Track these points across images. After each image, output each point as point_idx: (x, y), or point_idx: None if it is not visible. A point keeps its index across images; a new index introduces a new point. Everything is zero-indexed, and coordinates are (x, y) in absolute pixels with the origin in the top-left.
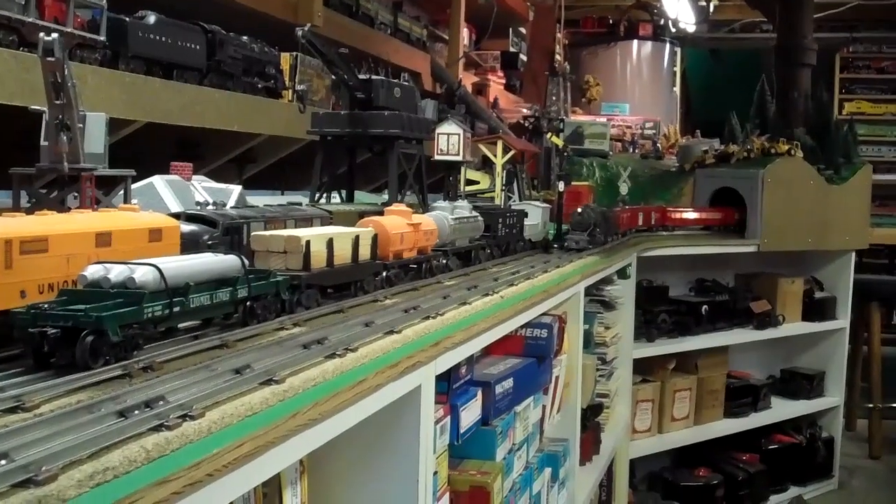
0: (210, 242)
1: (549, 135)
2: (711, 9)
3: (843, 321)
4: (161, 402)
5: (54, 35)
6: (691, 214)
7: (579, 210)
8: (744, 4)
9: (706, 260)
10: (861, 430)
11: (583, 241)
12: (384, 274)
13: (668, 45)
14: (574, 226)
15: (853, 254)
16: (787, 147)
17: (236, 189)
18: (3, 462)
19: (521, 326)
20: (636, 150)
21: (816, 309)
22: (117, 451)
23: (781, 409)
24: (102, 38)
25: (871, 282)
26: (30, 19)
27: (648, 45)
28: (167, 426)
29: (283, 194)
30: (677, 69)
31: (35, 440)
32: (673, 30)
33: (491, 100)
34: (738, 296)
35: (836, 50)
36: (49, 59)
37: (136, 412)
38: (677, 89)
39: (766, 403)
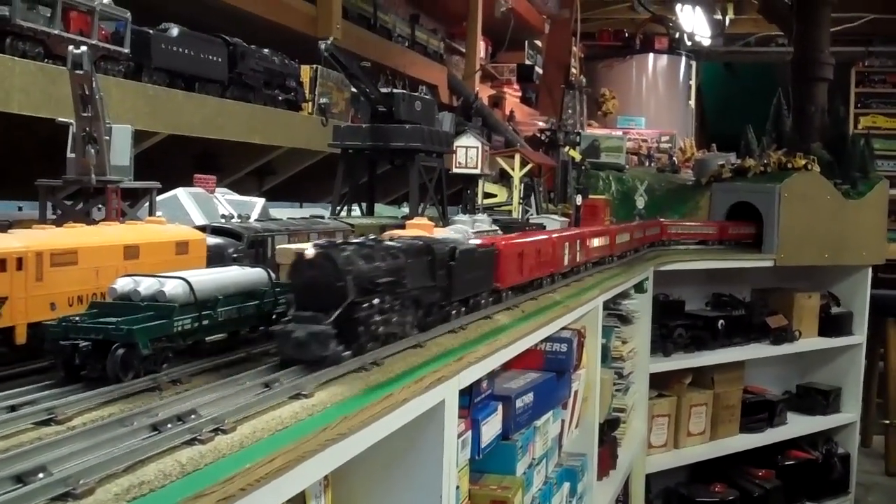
0: (235, 255)
1: (566, 148)
2: (727, 22)
3: (859, 337)
4: (193, 416)
5: (83, 48)
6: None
7: (308, 253)
8: (760, 18)
9: (722, 274)
10: (877, 446)
11: (321, 341)
12: None
13: (683, 59)
14: (300, 296)
15: (869, 269)
16: (803, 161)
17: (259, 202)
18: (41, 475)
19: (542, 341)
20: (652, 164)
21: (833, 324)
22: (152, 464)
23: (797, 425)
24: (126, 50)
25: (887, 297)
26: (55, 31)
27: (664, 59)
28: (200, 440)
29: (301, 206)
30: (693, 82)
31: (71, 453)
32: (688, 43)
33: (507, 112)
34: (754, 310)
35: (851, 64)
36: (77, 71)
37: (169, 426)
38: (693, 103)
39: (782, 419)
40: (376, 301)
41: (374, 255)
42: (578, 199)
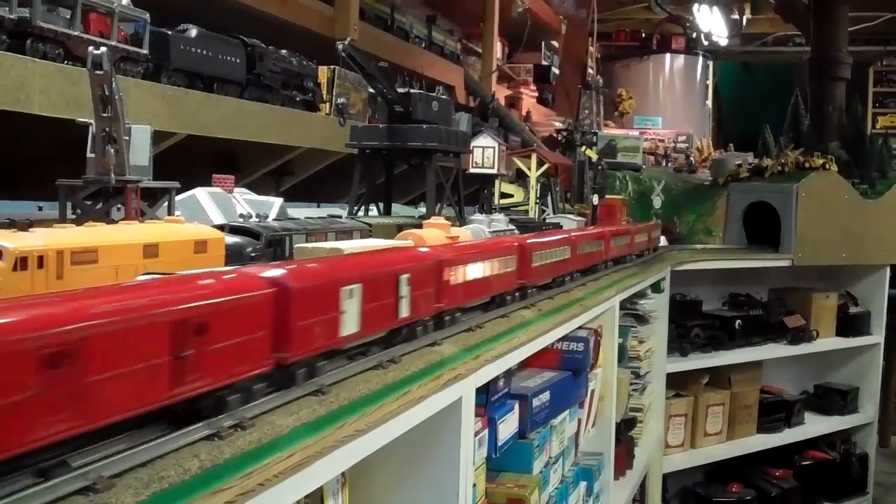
0: (253, 254)
1: (583, 148)
2: (744, 22)
3: (877, 336)
4: None
5: (103, 49)
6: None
7: None
8: (777, 18)
9: (739, 274)
10: (895, 446)
11: None
12: None
13: (700, 59)
14: None
15: (888, 269)
16: (821, 161)
17: (277, 201)
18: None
19: (558, 340)
20: (669, 164)
21: (851, 324)
22: (171, 459)
23: (815, 425)
24: (145, 51)
25: None
26: (75, 33)
27: (681, 59)
28: (219, 436)
29: (318, 206)
30: (710, 82)
31: (91, 448)
32: (705, 43)
33: (524, 113)
34: (771, 310)
35: (869, 63)
36: (97, 72)
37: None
38: (710, 103)
39: (800, 419)
40: None
41: None
42: (595, 199)
